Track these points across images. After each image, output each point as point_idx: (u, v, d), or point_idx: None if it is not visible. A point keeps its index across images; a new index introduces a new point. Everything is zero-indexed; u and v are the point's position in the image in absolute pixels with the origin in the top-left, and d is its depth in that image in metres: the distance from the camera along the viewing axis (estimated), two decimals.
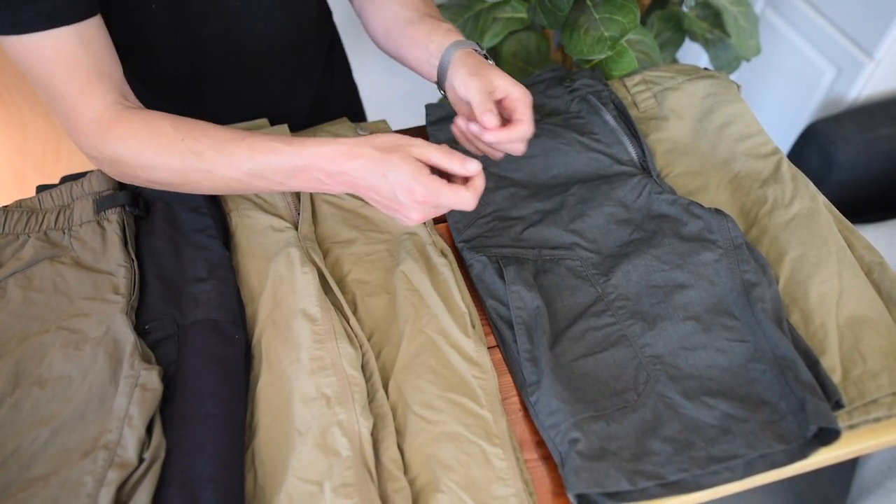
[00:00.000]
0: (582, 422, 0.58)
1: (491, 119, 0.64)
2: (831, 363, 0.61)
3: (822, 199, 0.74)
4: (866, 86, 1.33)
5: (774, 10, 1.48)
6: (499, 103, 0.67)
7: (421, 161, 0.59)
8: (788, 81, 1.49)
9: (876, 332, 0.63)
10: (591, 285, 0.69)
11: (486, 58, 0.72)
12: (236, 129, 0.64)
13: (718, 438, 0.57)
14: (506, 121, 0.67)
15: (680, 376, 0.62)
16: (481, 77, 0.66)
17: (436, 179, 0.59)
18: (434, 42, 0.72)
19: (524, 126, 0.66)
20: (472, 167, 0.60)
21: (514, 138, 0.66)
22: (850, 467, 1.20)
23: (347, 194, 0.77)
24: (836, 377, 0.61)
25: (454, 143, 0.83)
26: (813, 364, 0.60)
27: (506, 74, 0.68)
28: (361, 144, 0.60)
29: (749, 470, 0.57)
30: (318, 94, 0.95)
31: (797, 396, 0.57)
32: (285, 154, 0.61)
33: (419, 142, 0.61)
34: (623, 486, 0.54)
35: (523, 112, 0.66)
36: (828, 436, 0.56)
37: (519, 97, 0.66)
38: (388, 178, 0.59)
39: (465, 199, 0.59)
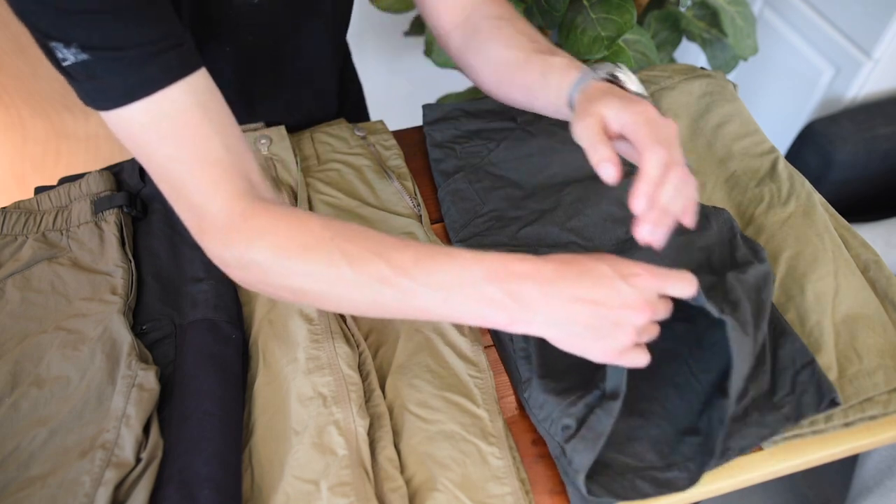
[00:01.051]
0: (571, 405, 0.58)
1: (608, 171, 0.53)
2: (827, 361, 0.62)
3: (818, 197, 0.74)
4: (864, 85, 1.34)
5: (772, 10, 1.48)
6: (622, 136, 0.55)
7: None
8: (787, 81, 1.49)
9: (872, 329, 0.63)
10: None
11: (615, 79, 0.59)
12: (396, 237, 0.53)
13: (705, 430, 0.58)
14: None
15: (671, 373, 0.62)
16: (584, 116, 0.55)
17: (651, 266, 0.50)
18: (552, 87, 0.61)
19: (651, 156, 0.52)
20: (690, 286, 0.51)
21: (647, 186, 0.52)
22: (849, 466, 1.20)
23: (344, 195, 0.78)
24: (832, 375, 0.61)
25: (451, 144, 0.84)
26: (809, 362, 0.60)
27: (620, 97, 0.54)
28: (541, 260, 0.50)
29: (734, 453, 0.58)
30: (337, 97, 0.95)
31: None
32: (461, 260, 0.50)
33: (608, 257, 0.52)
34: (630, 497, 0.55)
35: (644, 135, 0.52)
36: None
37: (631, 120, 0.53)
38: (601, 272, 0.49)
39: (686, 280, 0.51)
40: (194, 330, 0.63)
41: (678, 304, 0.54)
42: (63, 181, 0.79)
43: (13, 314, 0.67)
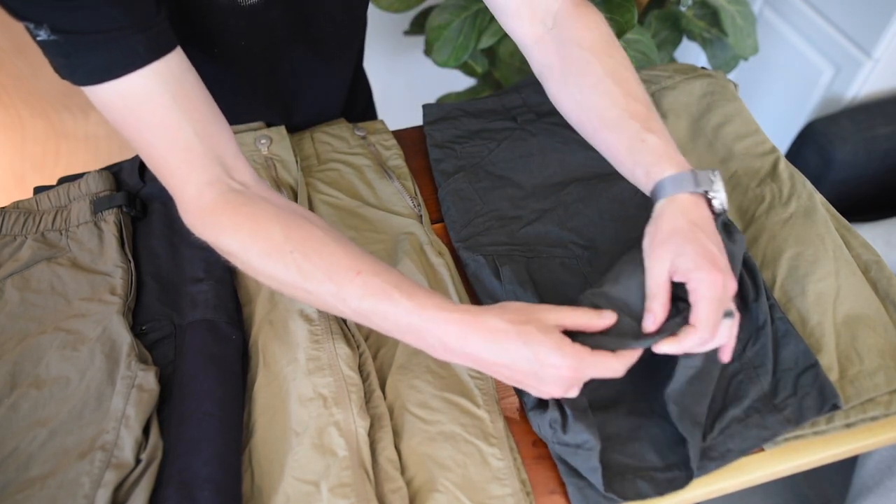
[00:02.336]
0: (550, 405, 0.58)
1: (648, 321, 0.54)
2: (828, 361, 0.61)
3: (819, 197, 0.74)
4: (864, 85, 1.33)
5: (773, 10, 1.48)
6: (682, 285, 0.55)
7: (557, 327, 0.52)
8: (787, 80, 1.49)
9: (873, 330, 0.63)
10: (587, 283, 0.69)
11: (711, 198, 0.57)
12: (353, 255, 0.55)
13: (709, 427, 0.58)
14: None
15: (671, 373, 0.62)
16: (657, 258, 0.54)
17: (580, 349, 0.51)
18: (638, 167, 0.60)
19: (693, 336, 0.52)
20: (608, 318, 0.53)
21: (679, 349, 0.53)
22: (849, 466, 1.20)
23: (345, 195, 0.77)
24: (833, 376, 0.61)
25: (452, 143, 0.83)
26: (812, 365, 0.60)
27: (700, 252, 0.53)
28: (489, 316, 0.52)
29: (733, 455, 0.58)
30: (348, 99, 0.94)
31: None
32: (402, 308, 0.53)
33: (546, 307, 0.53)
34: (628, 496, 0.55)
35: (701, 312, 0.52)
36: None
37: (698, 290, 0.52)
38: (527, 354, 0.51)
39: (612, 367, 0.51)
40: (194, 330, 0.63)
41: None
42: (62, 181, 0.78)
43: (12, 314, 0.66)
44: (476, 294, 0.71)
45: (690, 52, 1.63)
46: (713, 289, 0.52)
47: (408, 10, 1.28)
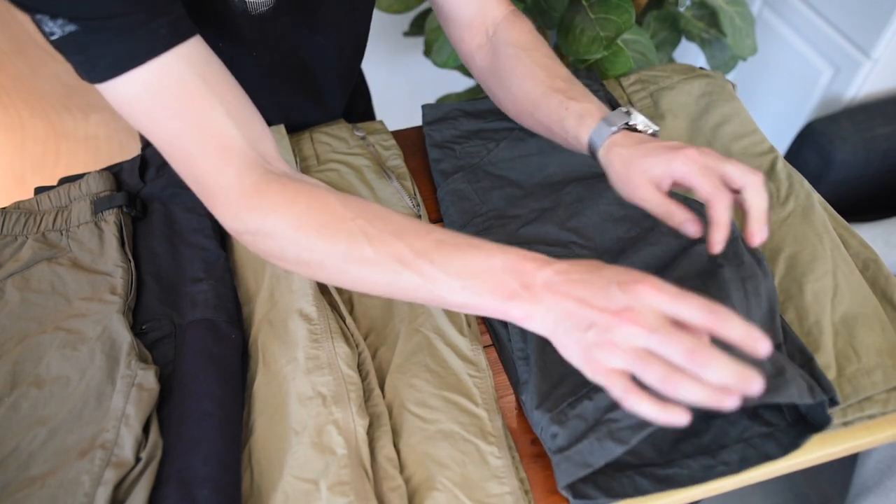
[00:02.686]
0: (561, 413, 0.57)
1: (692, 228, 0.55)
2: (826, 360, 0.62)
3: (816, 196, 0.74)
4: (864, 85, 1.34)
5: (772, 10, 1.48)
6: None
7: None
8: (786, 81, 1.49)
9: (870, 329, 0.63)
10: None
11: (634, 126, 0.61)
12: (413, 219, 0.53)
13: (704, 430, 0.58)
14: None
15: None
16: (636, 183, 0.57)
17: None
18: (569, 132, 0.63)
19: (719, 204, 0.52)
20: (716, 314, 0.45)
21: (724, 232, 0.53)
22: (849, 466, 1.20)
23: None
24: (830, 374, 0.61)
25: (451, 143, 0.84)
26: (807, 361, 0.60)
27: (656, 153, 0.55)
28: (552, 259, 0.50)
29: (744, 464, 0.57)
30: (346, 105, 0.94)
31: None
32: (484, 250, 0.50)
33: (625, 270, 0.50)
34: (609, 454, 0.53)
35: (704, 185, 0.53)
36: (816, 415, 0.56)
37: (682, 171, 0.54)
38: (603, 275, 0.47)
39: (707, 303, 0.44)
40: (194, 330, 0.63)
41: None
42: (63, 181, 0.79)
43: (13, 314, 0.67)
44: None
45: (689, 53, 1.63)
46: (690, 160, 0.54)
47: (407, 12, 1.28)
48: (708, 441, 0.57)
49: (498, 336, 0.67)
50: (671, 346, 0.43)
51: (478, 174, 0.80)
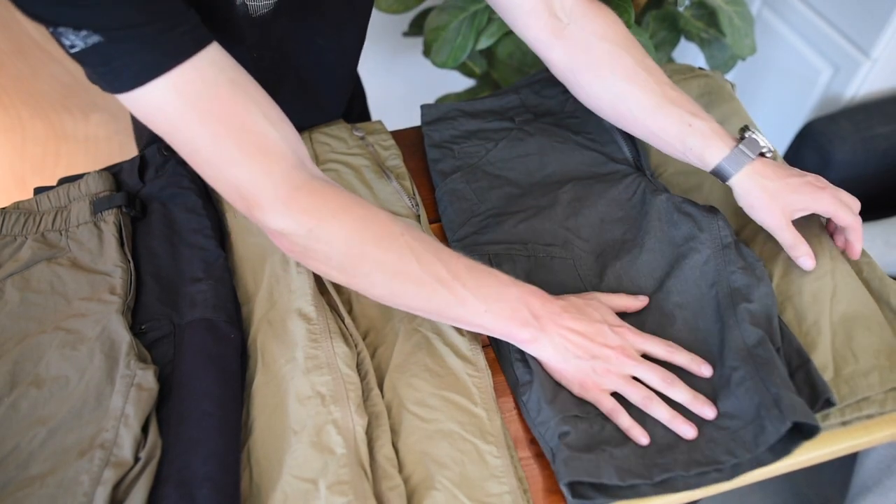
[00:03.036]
0: (569, 419, 0.59)
1: (806, 262, 0.66)
2: (823, 360, 0.62)
3: None
4: (863, 85, 1.34)
5: (771, 10, 1.48)
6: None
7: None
8: (785, 80, 1.49)
9: (868, 329, 0.63)
10: (585, 285, 0.69)
11: (763, 153, 0.67)
12: (452, 250, 0.60)
13: (700, 445, 0.57)
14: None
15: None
16: (775, 220, 0.65)
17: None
18: (692, 150, 0.67)
19: (856, 231, 0.66)
20: (642, 300, 0.66)
21: (857, 244, 0.66)
22: (849, 466, 1.20)
23: None
24: (827, 375, 0.61)
25: (449, 143, 0.84)
26: (804, 362, 0.60)
27: (799, 190, 0.64)
28: (551, 296, 0.62)
29: (737, 470, 0.57)
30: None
31: (771, 393, 0.57)
32: (501, 280, 0.60)
33: (596, 294, 0.65)
34: (613, 481, 0.55)
35: (842, 217, 0.65)
36: (808, 430, 0.56)
37: (826, 211, 0.65)
38: (597, 317, 0.61)
39: (665, 342, 0.63)
40: (193, 330, 0.64)
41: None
42: (62, 182, 0.79)
43: (12, 314, 0.67)
44: None
45: (689, 53, 1.63)
46: (832, 202, 0.64)
47: (406, 12, 1.28)
48: (700, 457, 0.57)
49: (496, 339, 0.67)
50: (653, 374, 0.60)
51: (476, 174, 0.80)
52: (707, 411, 0.58)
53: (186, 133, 0.53)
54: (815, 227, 0.70)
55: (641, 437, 0.58)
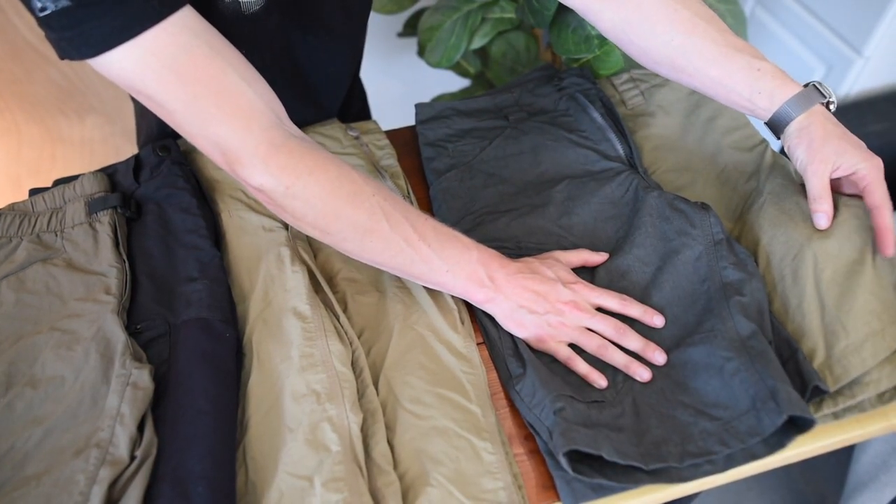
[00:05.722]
0: (564, 397, 0.59)
1: (822, 220, 0.64)
2: (813, 343, 0.61)
3: (794, 180, 0.73)
4: (856, 83, 1.34)
5: (764, 8, 1.49)
6: (847, 177, 0.65)
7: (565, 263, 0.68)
8: None
9: (861, 287, 0.61)
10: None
11: (829, 104, 0.67)
12: (420, 211, 0.64)
13: (693, 435, 0.58)
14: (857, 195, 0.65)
15: (657, 375, 0.62)
16: (820, 161, 0.64)
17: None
18: (762, 93, 0.66)
19: (885, 212, 0.62)
20: (601, 255, 0.70)
21: (891, 235, 0.62)
22: (845, 462, 1.21)
23: None
24: (819, 357, 0.60)
25: (444, 142, 0.84)
26: (793, 353, 0.60)
27: (854, 146, 0.64)
28: (507, 258, 0.66)
29: (730, 462, 0.57)
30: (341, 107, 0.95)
31: (767, 385, 0.57)
32: (464, 243, 0.64)
33: (554, 252, 0.69)
34: (612, 457, 0.54)
35: (877, 192, 0.62)
36: (803, 423, 0.57)
37: (867, 176, 0.63)
38: (551, 275, 0.65)
39: (619, 295, 0.66)
40: (188, 329, 0.64)
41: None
42: (57, 183, 0.79)
43: (8, 315, 0.67)
44: None
45: None
46: (879, 171, 0.63)
47: (401, 12, 1.29)
48: (693, 448, 0.57)
49: (488, 334, 0.68)
50: (605, 325, 0.64)
51: (470, 172, 0.80)
52: (658, 356, 0.62)
53: (165, 95, 0.55)
54: (788, 203, 0.69)
55: (599, 379, 0.62)
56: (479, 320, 0.69)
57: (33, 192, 0.78)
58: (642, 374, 0.62)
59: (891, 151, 1.31)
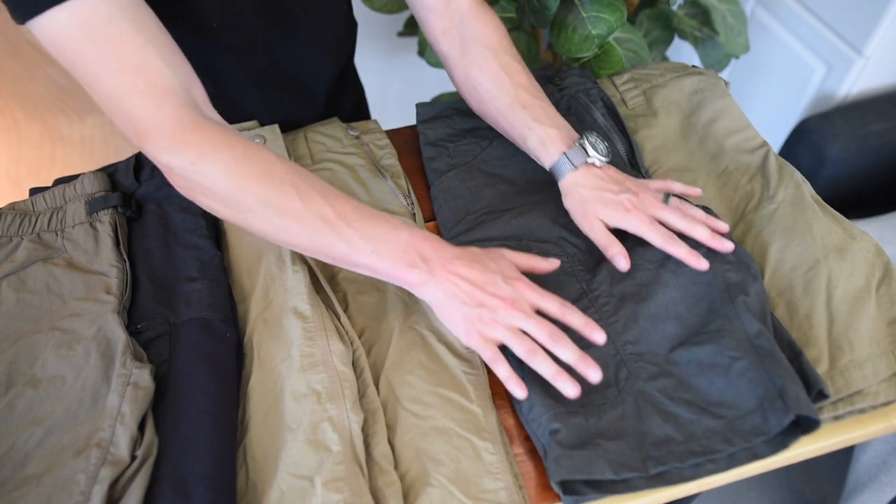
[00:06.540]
0: (560, 415, 0.59)
1: (622, 262, 0.68)
2: (817, 352, 0.62)
3: (808, 188, 0.74)
4: (856, 82, 1.34)
5: (764, 8, 1.49)
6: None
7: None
8: (779, 79, 1.50)
9: (866, 312, 0.63)
10: (577, 281, 0.70)
11: (587, 151, 0.70)
12: (328, 183, 0.62)
13: (697, 434, 0.58)
14: None
15: (660, 374, 0.62)
16: (588, 220, 0.69)
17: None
18: (530, 150, 0.73)
19: (672, 249, 0.66)
20: (553, 263, 0.65)
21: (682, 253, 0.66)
22: (845, 462, 1.21)
23: None
24: (822, 367, 0.61)
25: (444, 142, 0.84)
26: (797, 355, 0.60)
27: (611, 205, 0.68)
28: (447, 243, 0.62)
29: (732, 462, 0.57)
30: (329, 101, 0.95)
31: (775, 385, 0.57)
32: (391, 223, 0.60)
33: (504, 250, 0.65)
34: (606, 475, 0.55)
35: (649, 236, 0.67)
36: (807, 424, 0.57)
37: (633, 228, 0.67)
38: (492, 266, 0.61)
39: (561, 300, 0.61)
40: (189, 329, 0.64)
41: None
42: (58, 182, 0.79)
43: (8, 315, 0.67)
44: None
45: (683, 52, 1.63)
46: (639, 221, 0.67)
47: (401, 12, 1.29)
48: (697, 447, 0.57)
49: None
50: (540, 329, 0.58)
51: (471, 172, 0.80)
52: (592, 374, 0.57)
53: (84, 65, 0.57)
54: (807, 213, 0.70)
55: (518, 389, 0.58)
56: None
57: (34, 191, 0.78)
58: (570, 390, 0.57)
59: (891, 151, 1.32)
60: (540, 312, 0.60)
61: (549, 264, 0.65)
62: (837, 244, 0.68)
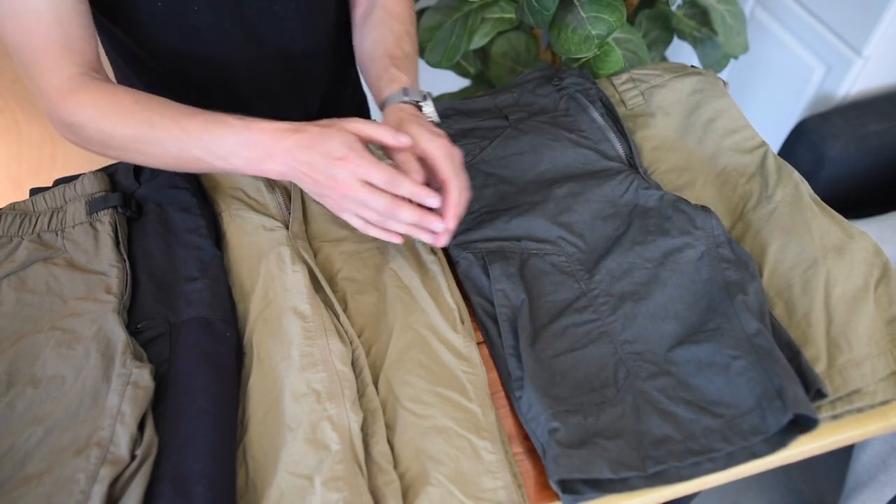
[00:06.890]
0: (560, 414, 0.59)
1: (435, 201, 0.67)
2: (815, 352, 0.62)
3: (806, 188, 0.74)
4: (855, 83, 1.34)
5: (764, 9, 1.49)
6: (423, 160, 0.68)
7: (355, 135, 0.64)
8: (778, 79, 1.50)
9: (865, 312, 0.63)
10: (576, 281, 0.70)
11: (421, 106, 0.73)
12: (196, 109, 0.67)
13: (696, 433, 0.58)
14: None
15: (659, 373, 0.62)
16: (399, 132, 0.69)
17: (367, 152, 0.63)
18: (378, 90, 0.76)
19: (454, 186, 0.66)
20: (403, 139, 0.65)
21: (456, 209, 0.66)
22: (844, 462, 1.21)
23: None
24: (820, 366, 0.61)
25: None
26: (794, 355, 0.61)
27: (426, 129, 0.68)
28: (306, 123, 0.65)
29: (731, 461, 0.57)
30: (326, 104, 0.95)
31: (774, 384, 0.57)
32: (235, 128, 0.64)
33: (355, 119, 0.66)
34: (605, 475, 0.55)
35: (445, 168, 0.66)
36: (806, 423, 0.57)
37: (434, 153, 0.67)
38: (322, 150, 0.62)
39: (388, 173, 0.62)
40: (188, 328, 0.64)
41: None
42: (58, 182, 0.79)
43: (8, 315, 0.67)
44: (467, 292, 0.71)
45: (682, 52, 1.63)
46: (443, 148, 0.67)
47: None
48: (696, 446, 0.57)
49: (489, 333, 0.68)
50: (377, 204, 0.63)
51: (471, 172, 0.80)
52: (435, 224, 0.64)
53: (4, 32, 0.66)
54: (805, 213, 0.70)
55: (395, 237, 0.65)
56: (480, 319, 0.69)
57: (34, 191, 0.79)
58: (437, 225, 0.64)
59: (891, 151, 1.32)
60: None
61: (397, 141, 0.66)
62: (836, 244, 0.68)
